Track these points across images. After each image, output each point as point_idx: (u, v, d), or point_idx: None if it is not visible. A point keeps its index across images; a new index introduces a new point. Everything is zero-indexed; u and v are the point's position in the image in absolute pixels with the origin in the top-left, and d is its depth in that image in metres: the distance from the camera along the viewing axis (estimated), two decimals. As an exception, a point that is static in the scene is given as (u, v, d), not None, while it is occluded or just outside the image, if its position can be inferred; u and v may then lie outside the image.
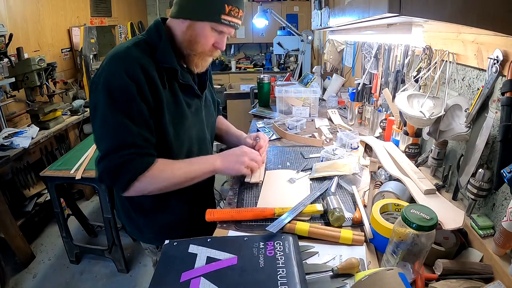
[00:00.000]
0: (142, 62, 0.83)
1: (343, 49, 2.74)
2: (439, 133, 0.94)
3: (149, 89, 0.84)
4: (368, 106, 1.67)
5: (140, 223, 1.07)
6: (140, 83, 0.82)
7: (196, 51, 0.91)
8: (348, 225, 0.92)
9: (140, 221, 1.07)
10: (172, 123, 0.92)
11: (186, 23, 0.87)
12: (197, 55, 0.92)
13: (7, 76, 2.19)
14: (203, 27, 0.86)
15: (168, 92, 0.90)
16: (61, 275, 2.10)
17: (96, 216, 2.64)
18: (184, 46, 0.91)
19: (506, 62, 0.71)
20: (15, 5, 2.60)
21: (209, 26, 0.86)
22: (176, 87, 0.92)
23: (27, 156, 2.19)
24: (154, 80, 0.85)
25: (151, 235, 1.10)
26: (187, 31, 0.88)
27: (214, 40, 0.90)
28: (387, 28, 1.05)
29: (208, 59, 0.96)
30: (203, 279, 0.68)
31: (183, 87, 0.94)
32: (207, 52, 0.92)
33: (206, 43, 0.90)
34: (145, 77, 0.83)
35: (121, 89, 0.80)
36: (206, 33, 0.87)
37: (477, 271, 0.71)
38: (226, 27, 0.88)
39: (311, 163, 1.29)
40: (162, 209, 1.04)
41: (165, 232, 1.05)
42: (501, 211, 0.77)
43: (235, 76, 5.23)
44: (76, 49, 3.32)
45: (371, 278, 0.59)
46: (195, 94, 0.99)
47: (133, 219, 1.08)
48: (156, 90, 0.86)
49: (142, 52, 0.86)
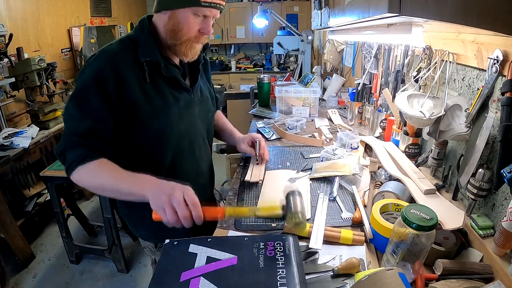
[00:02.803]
0: (116, 58, 0.86)
1: (343, 49, 2.74)
2: (439, 133, 0.94)
3: (115, 84, 0.85)
4: (368, 106, 1.67)
5: (135, 218, 1.08)
6: (103, 78, 0.84)
7: (181, 39, 0.90)
8: (348, 225, 0.92)
9: (134, 216, 1.07)
10: (155, 117, 0.92)
11: (167, 14, 0.88)
12: (183, 44, 0.91)
13: (7, 76, 2.19)
14: (184, 14, 0.86)
15: (150, 85, 0.91)
16: (61, 275, 2.10)
17: (96, 216, 2.64)
18: (168, 36, 0.91)
19: (506, 62, 0.71)
20: (15, 5, 2.60)
21: (190, 11, 0.86)
22: (160, 80, 0.93)
23: (27, 156, 2.19)
24: (124, 76, 0.86)
25: (145, 232, 1.11)
26: (169, 21, 0.88)
27: (199, 26, 0.89)
28: (387, 28, 1.05)
29: (196, 46, 0.94)
30: (203, 279, 0.68)
31: (169, 80, 0.94)
32: (192, 39, 0.91)
33: (190, 30, 0.88)
34: (114, 73, 0.85)
35: (83, 82, 0.85)
36: (188, 20, 0.87)
37: (477, 271, 0.71)
38: (208, 10, 0.86)
39: (311, 163, 1.29)
40: None
41: (162, 230, 1.04)
42: (501, 211, 0.77)
43: (235, 76, 5.23)
44: (76, 49, 3.32)
45: (371, 278, 0.59)
46: (182, 88, 0.98)
47: (130, 213, 1.08)
48: (126, 86, 0.87)
49: (124, 48, 0.89)
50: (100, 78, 0.84)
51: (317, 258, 0.80)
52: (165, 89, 0.94)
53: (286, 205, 0.79)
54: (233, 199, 1.08)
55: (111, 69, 0.85)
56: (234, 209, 0.80)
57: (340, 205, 1.01)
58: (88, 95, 0.84)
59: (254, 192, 1.11)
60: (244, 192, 1.11)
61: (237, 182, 1.18)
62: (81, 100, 0.85)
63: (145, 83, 0.90)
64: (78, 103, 0.85)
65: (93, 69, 0.85)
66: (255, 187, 1.15)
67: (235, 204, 1.05)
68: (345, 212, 0.98)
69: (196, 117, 1.05)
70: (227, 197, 1.10)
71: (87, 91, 0.85)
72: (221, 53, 5.77)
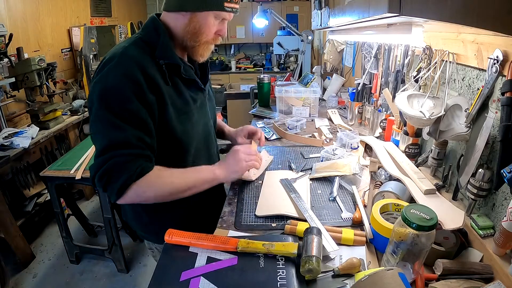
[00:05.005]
0: (140, 61, 0.82)
1: (343, 49, 2.74)
2: (439, 133, 0.94)
3: (148, 88, 0.82)
4: (368, 106, 1.67)
5: (147, 220, 1.05)
6: (137, 83, 0.80)
7: (200, 41, 0.90)
8: (348, 225, 0.92)
9: (146, 219, 1.05)
10: (179, 120, 0.90)
11: (187, 15, 0.86)
12: (201, 45, 0.92)
13: (7, 76, 2.19)
14: (206, 17, 0.86)
15: (171, 89, 0.89)
16: (61, 275, 2.10)
17: (96, 216, 2.64)
18: (187, 38, 0.90)
19: (506, 62, 0.71)
20: (15, 5, 2.60)
21: (212, 14, 0.87)
22: (179, 83, 0.91)
23: (27, 156, 2.19)
24: (154, 78, 0.83)
25: (153, 236, 1.10)
26: (190, 23, 0.87)
27: (217, 28, 0.90)
28: (387, 28, 1.05)
29: (211, 47, 0.96)
30: (203, 279, 0.68)
31: (187, 82, 0.94)
32: (210, 40, 0.92)
33: (210, 32, 0.89)
34: (144, 76, 0.81)
35: (115, 90, 0.78)
36: (209, 22, 0.87)
37: (477, 271, 0.71)
38: (228, 14, 0.88)
39: (311, 163, 1.29)
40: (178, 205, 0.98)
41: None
42: (501, 211, 0.77)
43: (235, 76, 5.23)
44: (76, 49, 3.32)
45: (371, 278, 0.59)
46: (199, 88, 0.99)
47: (140, 215, 1.05)
48: (157, 89, 0.84)
49: (140, 51, 0.84)
50: (133, 82, 0.79)
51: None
52: (184, 91, 0.93)
53: (303, 245, 0.74)
54: (233, 199, 1.08)
55: (140, 72, 0.80)
56: (248, 242, 0.76)
57: (340, 205, 1.01)
58: (125, 101, 0.78)
59: (254, 192, 1.11)
60: (244, 192, 1.11)
61: (237, 182, 1.18)
62: (118, 107, 0.78)
63: (166, 86, 0.87)
64: (114, 112, 0.78)
65: (120, 74, 0.79)
66: (255, 187, 1.15)
67: (235, 204, 1.05)
68: (345, 212, 0.98)
69: (208, 116, 1.06)
70: (227, 197, 1.10)
71: (122, 96, 0.78)
72: (221, 53, 5.77)
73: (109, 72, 0.79)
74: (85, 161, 1.92)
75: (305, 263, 0.68)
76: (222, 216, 0.99)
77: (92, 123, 0.82)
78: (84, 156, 1.97)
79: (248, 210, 1.01)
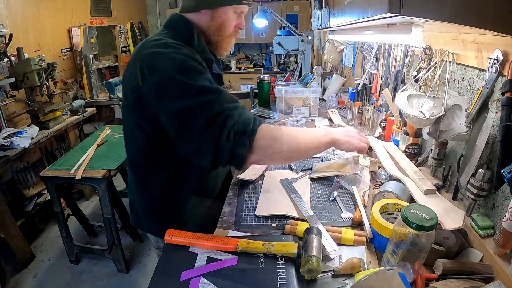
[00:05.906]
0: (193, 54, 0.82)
1: (343, 49, 2.74)
2: (439, 133, 0.94)
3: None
4: (368, 106, 1.67)
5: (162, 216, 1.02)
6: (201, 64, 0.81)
7: (224, 36, 0.95)
8: (348, 225, 0.92)
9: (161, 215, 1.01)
10: None
11: (209, 13, 0.90)
12: (225, 39, 0.96)
13: (7, 76, 2.18)
14: (226, 12, 0.90)
15: None
16: (61, 275, 2.10)
17: (96, 216, 2.64)
18: (212, 34, 0.93)
19: (506, 62, 0.71)
20: (15, 5, 2.60)
21: (232, 9, 0.91)
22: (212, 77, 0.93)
23: (27, 156, 2.19)
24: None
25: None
26: (213, 20, 0.91)
27: (236, 22, 0.94)
28: (387, 28, 1.05)
29: (233, 41, 1.00)
30: (203, 279, 0.68)
31: (216, 77, 0.96)
32: (232, 34, 0.96)
33: (231, 26, 0.94)
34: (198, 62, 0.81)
35: (188, 65, 0.77)
36: (230, 17, 0.92)
37: (477, 271, 0.71)
38: (245, 7, 0.93)
39: (311, 163, 1.29)
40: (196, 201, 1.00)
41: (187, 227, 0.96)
42: (501, 211, 0.77)
43: (235, 76, 5.22)
44: (76, 49, 3.32)
45: (371, 278, 0.59)
46: (221, 82, 1.02)
47: (153, 212, 1.02)
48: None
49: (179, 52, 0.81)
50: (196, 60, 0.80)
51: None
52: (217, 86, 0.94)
53: (303, 245, 0.74)
54: (233, 199, 1.08)
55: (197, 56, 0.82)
56: (248, 242, 0.76)
57: (340, 205, 1.01)
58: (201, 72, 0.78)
59: (254, 192, 1.11)
60: (244, 192, 1.11)
61: (237, 182, 1.18)
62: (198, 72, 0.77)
63: None
64: (200, 76, 0.77)
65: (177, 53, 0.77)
66: (255, 187, 1.15)
67: (235, 204, 1.05)
68: (345, 212, 0.98)
69: None
70: (227, 197, 1.10)
71: (197, 69, 0.78)
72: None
73: (170, 54, 0.77)
74: (85, 161, 1.91)
75: (305, 263, 0.69)
76: (222, 216, 0.99)
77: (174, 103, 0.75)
78: (84, 156, 1.96)
79: (248, 210, 1.01)
